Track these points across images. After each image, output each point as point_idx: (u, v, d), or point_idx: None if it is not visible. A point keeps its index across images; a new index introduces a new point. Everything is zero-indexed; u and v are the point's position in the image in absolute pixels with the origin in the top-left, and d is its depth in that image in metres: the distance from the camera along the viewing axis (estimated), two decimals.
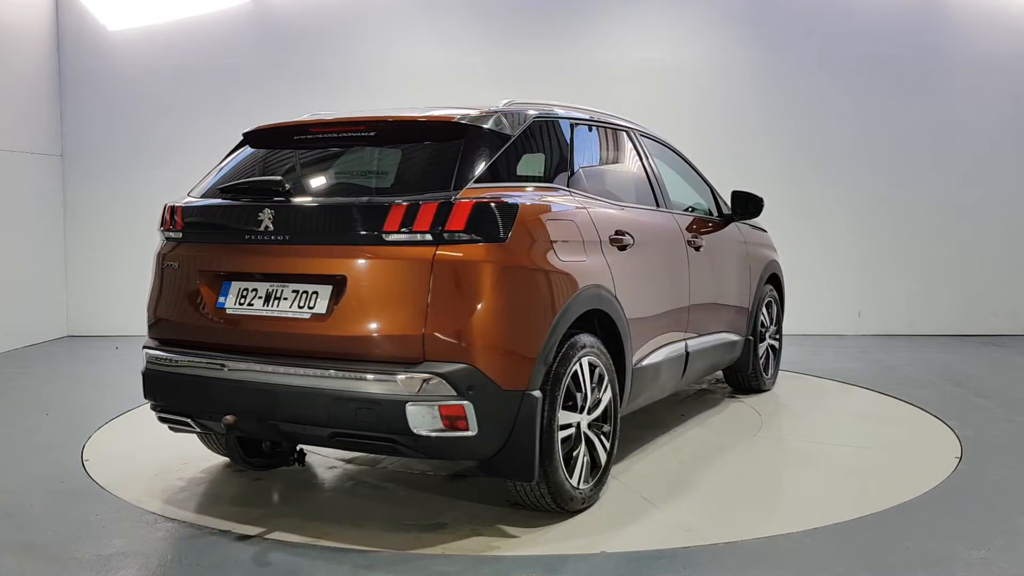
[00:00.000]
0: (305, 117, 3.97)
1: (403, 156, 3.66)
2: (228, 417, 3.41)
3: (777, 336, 6.17)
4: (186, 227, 3.74)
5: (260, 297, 3.48)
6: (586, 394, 3.64)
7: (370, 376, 3.19)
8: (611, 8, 8.72)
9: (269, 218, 3.46)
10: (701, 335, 4.86)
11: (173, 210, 3.79)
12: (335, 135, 3.75)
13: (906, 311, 8.84)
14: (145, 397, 3.77)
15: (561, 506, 3.55)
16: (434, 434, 3.16)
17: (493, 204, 3.31)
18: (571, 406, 3.57)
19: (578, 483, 3.58)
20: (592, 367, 3.69)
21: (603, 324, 3.86)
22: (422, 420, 3.14)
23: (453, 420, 3.15)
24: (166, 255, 3.78)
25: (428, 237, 3.20)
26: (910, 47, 8.73)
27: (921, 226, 8.81)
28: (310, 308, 3.35)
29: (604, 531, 3.47)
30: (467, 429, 3.17)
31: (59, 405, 5.74)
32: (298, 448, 4.01)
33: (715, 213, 5.36)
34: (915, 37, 8.72)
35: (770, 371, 6.05)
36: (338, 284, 3.31)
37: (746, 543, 3.31)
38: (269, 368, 3.37)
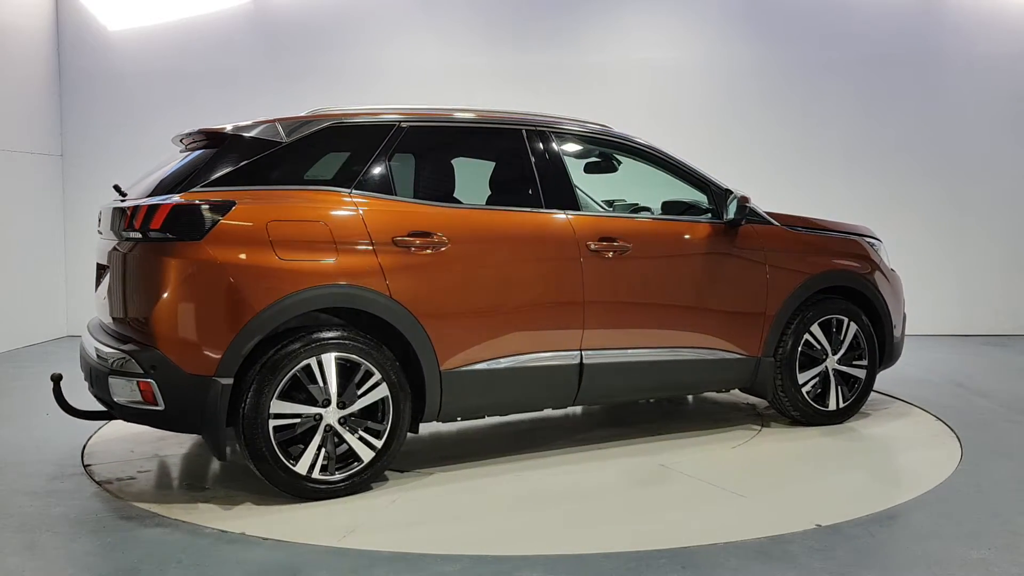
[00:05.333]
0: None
1: (189, 164, 4.03)
2: (54, 374, 4.22)
3: (859, 363, 5.16)
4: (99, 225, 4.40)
5: (103, 283, 4.15)
6: (327, 389, 3.77)
7: (97, 351, 3.86)
8: (611, 8, 8.72)
9: (99, 217, 4.28)
10: (624, 348, 4.50)
11: None
12: (186, 144, 4.29)
13: (906, 311, 8.81)
14: None
15: (285, 491, 3.78)
16: (133, 405, 3.69)
17: (186, 206, 3.68)
18: (312, 399, 3.76)
19: (308, 472, 3.76)
20: (352, 365, 3.82)
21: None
22: (121, 391, 3.69)
23: (146, 395, 3.64)
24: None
25: (139, 235, 3.74)
26: (910, 47, 8.73)
27: (921, 226, 8.81)
28: (105, 292, 4.03)
29: (285, 516, 3.63)
30: (156, 404, 3.64)
31: None
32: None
33: (721, 216, 4.85)
34: (915, 37, 8.73)
35: (831, 402, 5.06)
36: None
37: (746, 543, 3.31)
38: (84, 342, 4.17)
